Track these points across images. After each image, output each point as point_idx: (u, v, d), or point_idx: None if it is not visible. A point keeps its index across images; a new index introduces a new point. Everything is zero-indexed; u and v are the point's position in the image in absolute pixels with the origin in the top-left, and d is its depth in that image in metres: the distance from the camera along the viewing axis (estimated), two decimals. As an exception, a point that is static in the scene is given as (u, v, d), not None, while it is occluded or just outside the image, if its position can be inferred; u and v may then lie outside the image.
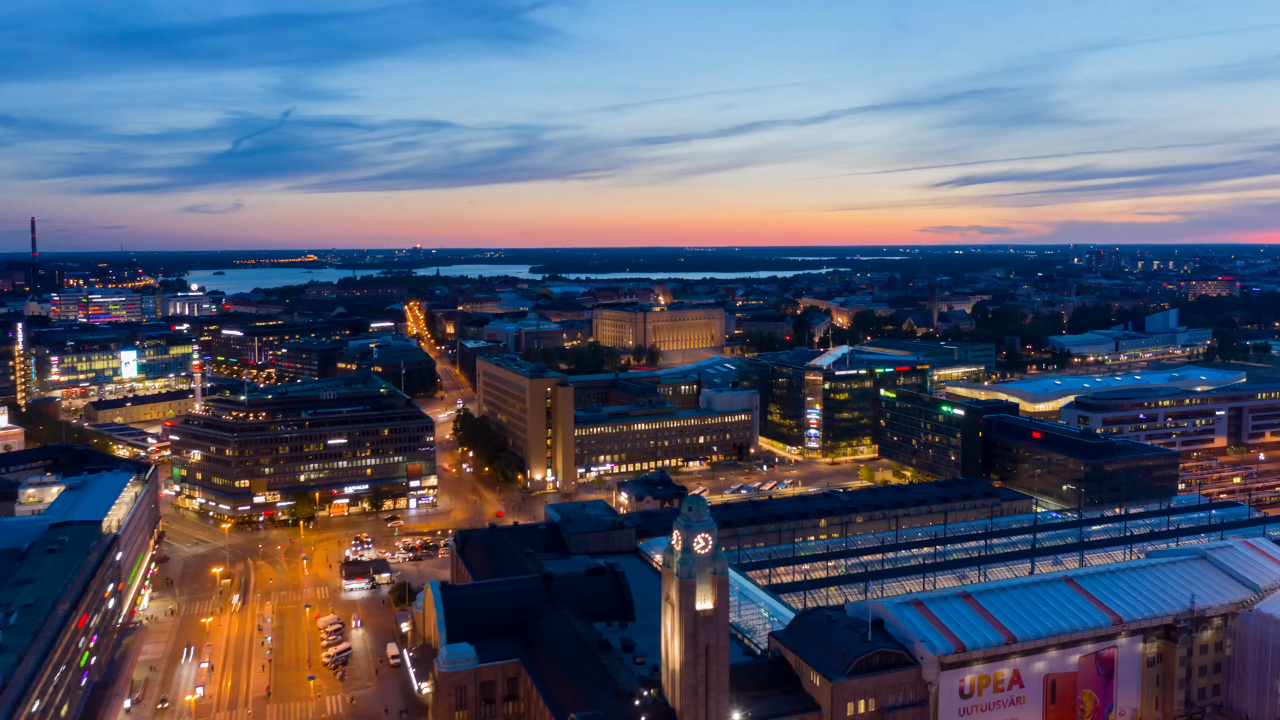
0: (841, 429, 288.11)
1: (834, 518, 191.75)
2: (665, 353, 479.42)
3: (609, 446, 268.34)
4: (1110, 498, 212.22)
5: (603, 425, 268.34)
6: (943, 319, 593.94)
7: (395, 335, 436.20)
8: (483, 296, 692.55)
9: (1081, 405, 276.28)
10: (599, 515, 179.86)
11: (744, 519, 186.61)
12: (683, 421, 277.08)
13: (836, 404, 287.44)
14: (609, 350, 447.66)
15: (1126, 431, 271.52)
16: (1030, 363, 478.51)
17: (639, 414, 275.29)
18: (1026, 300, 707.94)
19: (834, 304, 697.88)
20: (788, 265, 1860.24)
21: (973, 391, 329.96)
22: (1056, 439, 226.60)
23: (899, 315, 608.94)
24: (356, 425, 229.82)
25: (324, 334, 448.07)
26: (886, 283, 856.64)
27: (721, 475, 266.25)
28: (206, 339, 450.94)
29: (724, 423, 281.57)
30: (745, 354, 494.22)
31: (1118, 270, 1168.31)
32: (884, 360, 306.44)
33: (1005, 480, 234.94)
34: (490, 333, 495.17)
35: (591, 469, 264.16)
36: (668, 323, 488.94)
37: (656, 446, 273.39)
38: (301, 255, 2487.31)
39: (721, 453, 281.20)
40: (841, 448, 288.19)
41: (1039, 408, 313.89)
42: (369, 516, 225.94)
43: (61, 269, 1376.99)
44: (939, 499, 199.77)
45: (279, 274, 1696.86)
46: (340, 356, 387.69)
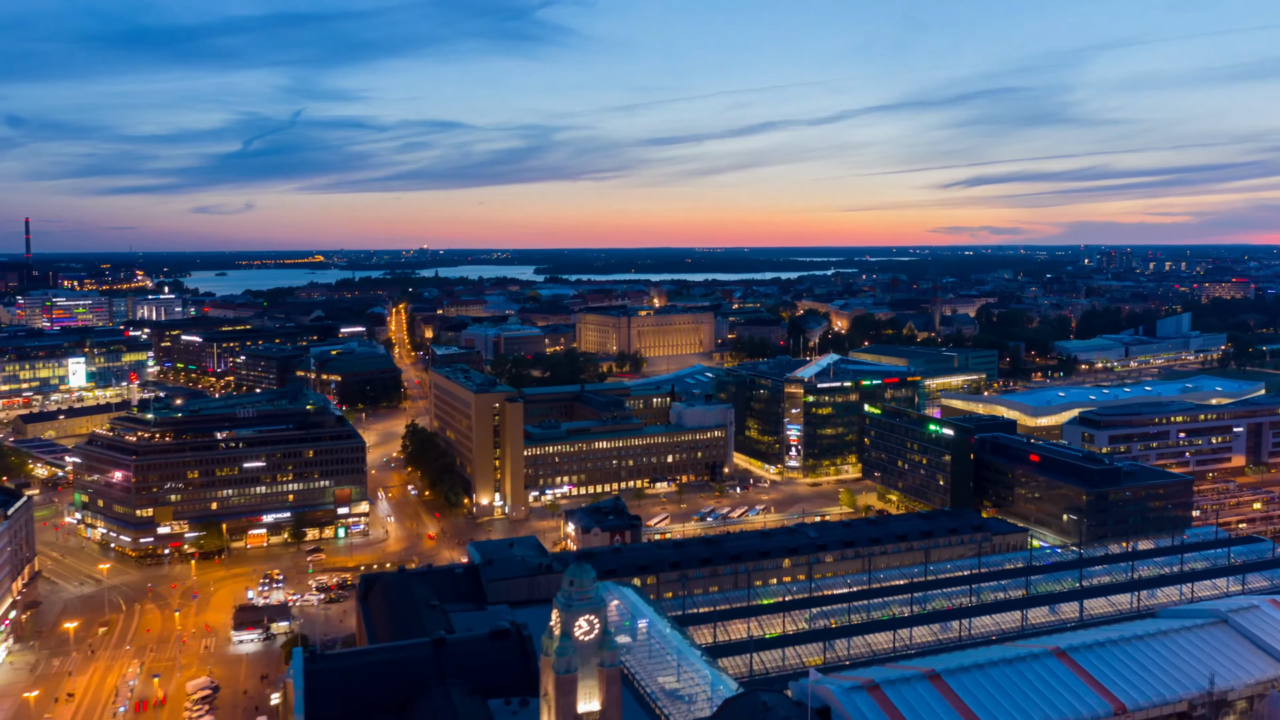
0: (824, 447, 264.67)
1: (799, 557, 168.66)
2: (651, 359, 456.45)
3: (567, 467, 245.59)
4: (1116, 530, 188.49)
5: (560, 443, 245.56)
6: (945, 323, 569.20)
7: (362, 341, 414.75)
8: (470, 299, 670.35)
9: (1086, 421, 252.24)
10: (525, 556, 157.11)
11: (695, 559, 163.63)
12: (649, 439, 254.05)
13: (818, 419, 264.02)
14: (588, 357, 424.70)
15: (1135, 450, 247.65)
16: (1035, 369, 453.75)
17: (600, 431, 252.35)
18: (1033, 303, 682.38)
19: (834, 307, 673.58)
20: (795, 266, 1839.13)
21: (970, 404, 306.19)
22: (1056, 463, 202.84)
23: (900, 319, 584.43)
24: (277, 446, 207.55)
25: (292, 339, 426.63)
26: (889, 285, 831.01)
27: (689, 499, 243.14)
28: (167, 344, 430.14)
29: (695, 440, 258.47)
30: (736, 360, 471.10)
31: (1129, 271, 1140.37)
32: (871, 371, 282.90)
33: (999, 507, 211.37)
34: (467, 338, 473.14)
35: (547, 492, 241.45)
36: (653, 327, 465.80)
37: (620, 467, 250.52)
38: (308, 256, 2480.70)
39: (693, 473, 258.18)
40: (824, 467, 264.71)
41: (1040, 422, 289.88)
42: (291, 548, 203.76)
43: (56, 270, 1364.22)
44: (920, 534, 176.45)
45: (280, 275, 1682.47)
46: (300, 364, 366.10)
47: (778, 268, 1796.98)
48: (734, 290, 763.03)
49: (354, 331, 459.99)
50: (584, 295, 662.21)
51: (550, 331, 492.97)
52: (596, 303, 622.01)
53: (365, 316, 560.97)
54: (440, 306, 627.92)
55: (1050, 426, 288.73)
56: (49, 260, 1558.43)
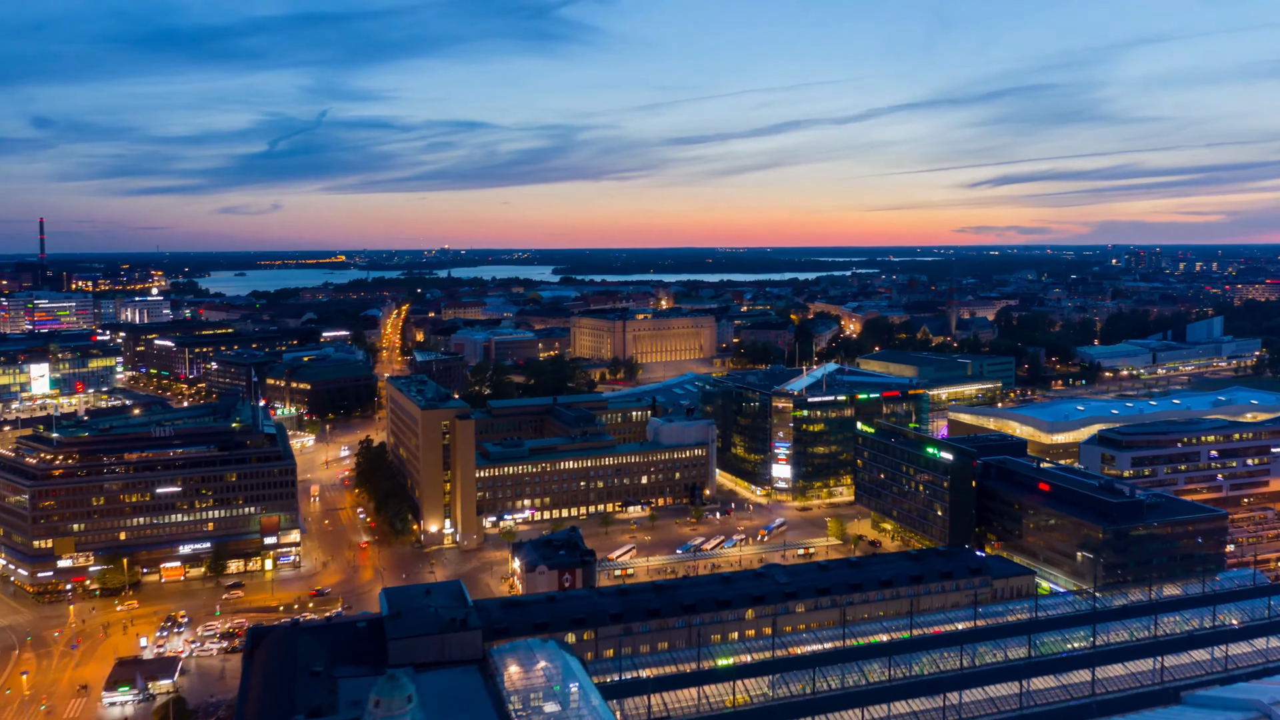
0: (816, 467, 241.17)
1: (765, 607, 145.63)
2: (647, 365, 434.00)
3: (530, 489, 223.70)
4: (1137, 574, 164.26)
5: (522, 463, 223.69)
6: (962, 326, 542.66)
7: (340, 346, 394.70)
8: (470, 301, 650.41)
9: (1106, 441, 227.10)
10: (440, 608, 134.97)
11: (642, 610, 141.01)
12: (621, 458, 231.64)
13: (809, 437, 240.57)
14: (577, 363, 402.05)
15: (1161, 473, 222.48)
16: (1056, 377, 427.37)
17: (567, 449, 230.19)
18: (1056, 305, 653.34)
19: (846, 309, 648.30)
20: (817, 266, 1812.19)
21: (980, 419, 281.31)
22: (1068, 493, 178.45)
23: (914, 323, 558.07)
24: (195, 469, 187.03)
25: (271, 343, 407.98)
26: (905, 286, 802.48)
27: (663, 525, 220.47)
28: (142, 349, 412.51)
29: (672, 459, 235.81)
30: (737, 367, 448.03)
31: (1157, 272, 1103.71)
32: (870, 383, 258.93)
33: (1005, 542, 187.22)
34: (457, 342, 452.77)
35: (506, 517, 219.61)
36: (650, 332, 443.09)
37: (588, 489, 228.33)
38: (331, 256, 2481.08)
39: (670, 495, 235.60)
40: (815, 489, 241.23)
41: (1056, 439, 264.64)
42: (210, 583, 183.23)
43: (70, 270, 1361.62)
44: (909, 579, 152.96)
45: (297, 275, 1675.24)
46: (271, 371, 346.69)
47: (799, 268, 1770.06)
48: (745, 292, 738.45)
49: (337, 336, 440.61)
50: (586, 297, 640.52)
51: (545, 336, 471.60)
52: (599, 305, 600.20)
53: (359, 319, 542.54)
54: (439, 309, 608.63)
55: (1068, 444, 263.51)
56: (65, 260, 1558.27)
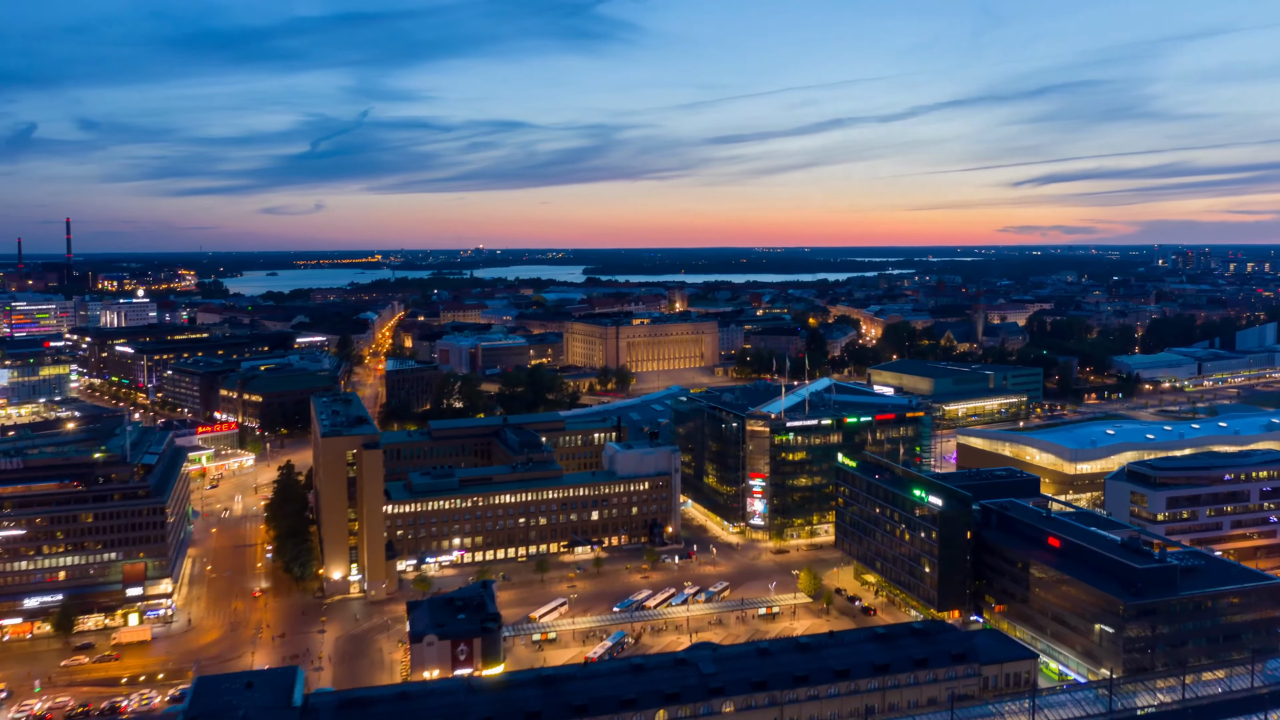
0: (796, 502, 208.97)
1: (681, 708, 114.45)
2: (642, 374, 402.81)
3: (461, 527, 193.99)
4: (1168, 658, 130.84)
5: (451, 496, 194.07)
6: (989, 332, 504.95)
7: (306, 354, 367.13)
8: (473, 303, 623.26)
9: (1136, 477, 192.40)
10: (252, 711, 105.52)
11: (519, 715, 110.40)
12: (567, 491, 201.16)
13: (789, 467, 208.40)
14: (555, 373, 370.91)
15: (1203, 516, 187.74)
16: (1089, 390, 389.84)
17: (505, 480, 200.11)
18: (1094, 309, 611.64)
19: (868, 313, 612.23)
20: (854, 267, 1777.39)
21: (993, 444, 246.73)
22: (1084, 552, 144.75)
23: (937, 328, 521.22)
24: (44, 509, 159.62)
25: (238, 350, 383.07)
26: (933, 288, 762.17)
27: (612, 571, 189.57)
28: (105, 355, 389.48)
29: (629, 492, 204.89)
30: (741, 376, 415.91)
31: (1206, 273, 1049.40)
32: (864, 403, 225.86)
33: (1006, 606, 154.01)
34: (442, 349, 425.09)
35: (430, 559, 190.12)
36: (646, 339, 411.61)
37: (529, 526, 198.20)
38: (368, 256, 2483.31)
39: (627, 533, 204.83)
40: (795, 527, 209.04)
41: (1080, 469, 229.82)
42: (59, 642, 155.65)
43: (95, 270, 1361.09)
44: (873, 667, 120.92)
45: (328, 274, 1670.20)
46: (225, 382, 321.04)
47: (835, 269, 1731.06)
48: (764, 294, 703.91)
49: (313, 341, 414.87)
50: (592, 300, 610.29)
51: (538, 342, 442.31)
52: (604, 308, 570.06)
53: (352, 323, 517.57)
54: (438, 312, 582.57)
55: (1094, 475, 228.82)
56: (92, 260, 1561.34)
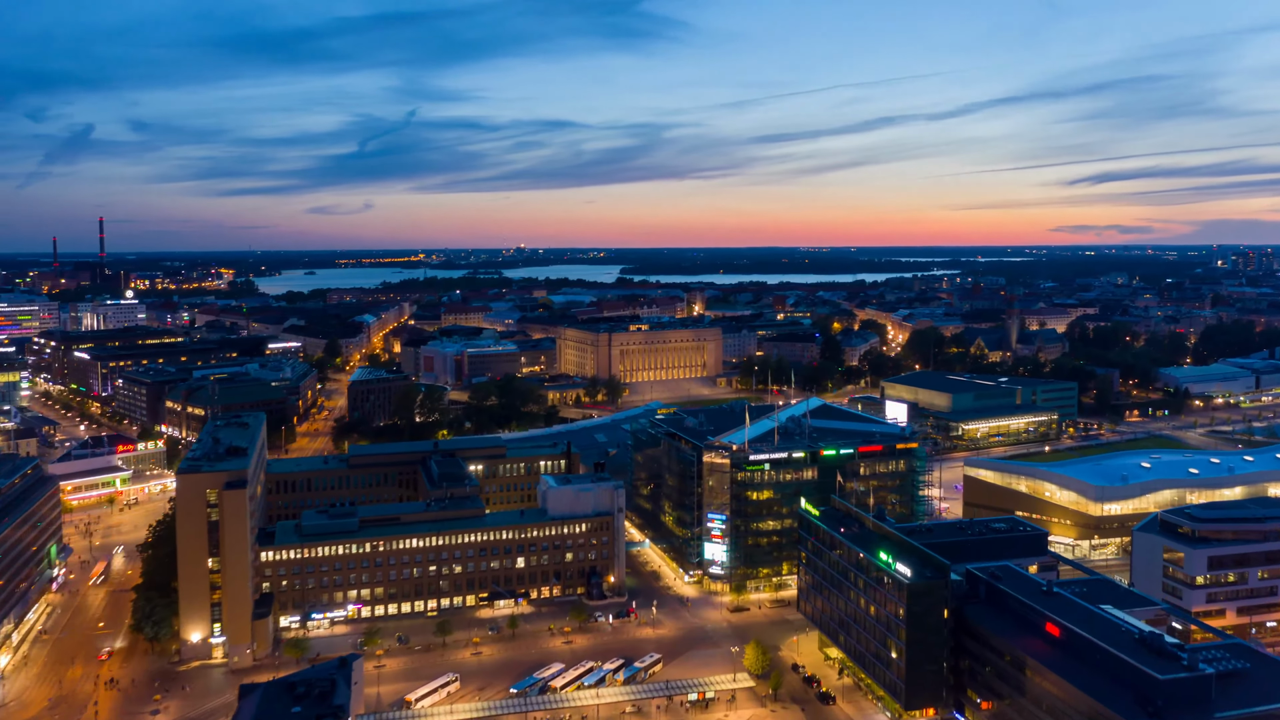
0: (761, 549, 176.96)
1: None
2: (635, 384, 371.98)
3: (360, 576, 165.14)
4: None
5: (349, 539, 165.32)
6: (1025, 340, 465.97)
7: (267, 362, 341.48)
8: (479, 305, 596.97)
9: (1170, 529, 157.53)
10: None
11: None
12: (489, 533, 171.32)
13: (753, 508, 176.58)
14: (528, 384, 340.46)
15: (1254, 579, 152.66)
16: (1131, 406, 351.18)
17: (414, 521, 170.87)
18: (1143, 315, 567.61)
19: (896, 317, 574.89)
20: (898, 267, 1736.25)
21: (1006, 478, 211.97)
22: (1090, 649, 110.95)
23: (967, 334, 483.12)
24: None
25: (203, 356, 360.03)
26: (968, 291, 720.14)
27: (526, 635, 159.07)
28: (67, 360, 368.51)
29: (563, 535, 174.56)
30: (743, 387, 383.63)
31: (1268, 275, 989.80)
32: (849, 431, 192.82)
33: (994, 705, 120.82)
34: (427, 355, 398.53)
35: (317, 615, 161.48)
36: (641, 347, 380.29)
37: (442, 576, 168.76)
38: (411, 255, 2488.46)
39: (559, 583, 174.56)
40: (761, 578, 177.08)
41: (1107, 510, 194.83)
42: None
43: (127, 269, 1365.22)
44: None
45: (367, 273, 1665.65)
46: (171, 393, 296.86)
47: (878, 269, 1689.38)
48: (788, 297, 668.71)
49: (286, 347, 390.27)
50: (601, 304, 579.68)
51: (531, 348, 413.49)
52: (615, 311, 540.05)
53: (347, 326, 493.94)
54: (441, 314, 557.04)
55: (1124, 518, 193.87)
56: (124, 259, 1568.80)
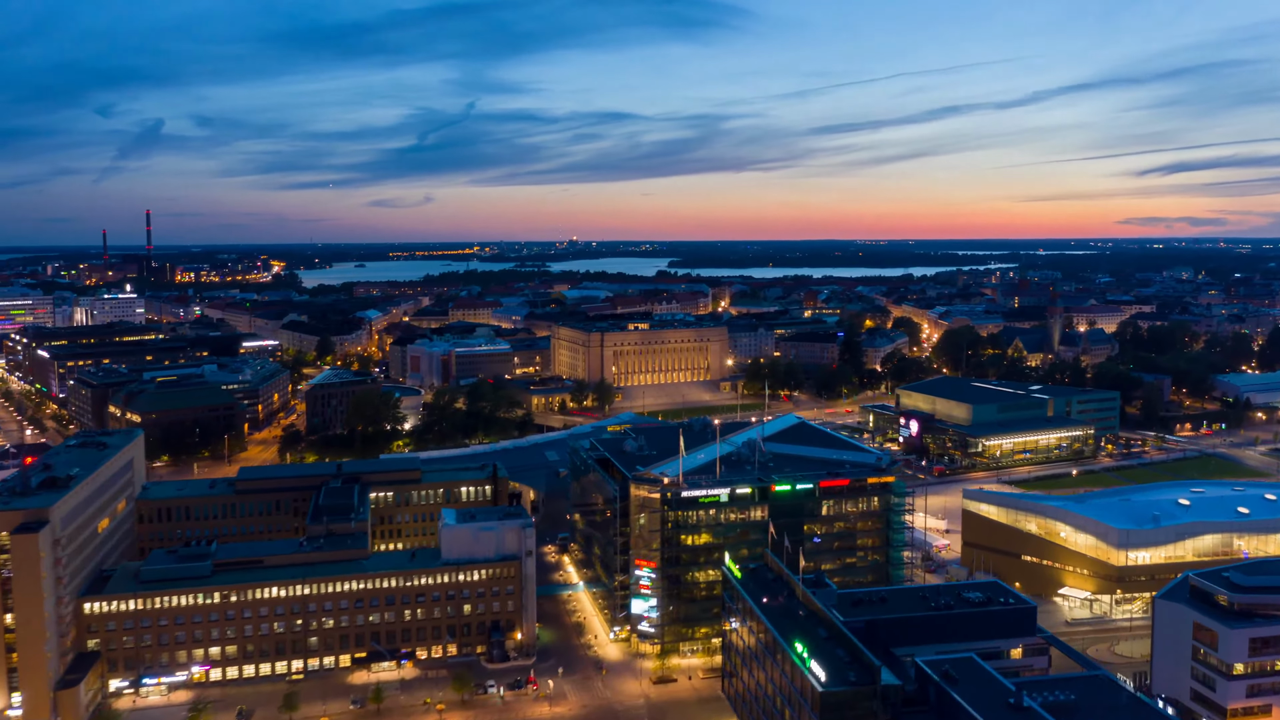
0: (696, 605, 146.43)
1: None
2: (629, 389, 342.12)
3: (211, 631, 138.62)
4: None
5: (199, 587, 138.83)
6: (1068, 341, 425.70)
7: (226, 364, 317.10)
8: (490, 300, 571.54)
9: (1201, 597, 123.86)
10: None
11: None
12: (370, 581, 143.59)
13: (688, 554, 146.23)
14: (499, 388, 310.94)
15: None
16: (1183, 418, 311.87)
17: (280, 564, 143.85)
18: (1205, 313, 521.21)
19: (933, 315, 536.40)
20: (955, 260, 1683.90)
21: (1012, 515, 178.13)
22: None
23: (1005, 335, 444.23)
24: None
25: (170, 355, 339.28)
26: (1014, 286, 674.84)
27: (398, 710, 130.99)
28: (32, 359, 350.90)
29: (460, 583, 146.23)
30: (750, 393, 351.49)
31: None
32: (812, 459, 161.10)
33: None
34: (414, 355, 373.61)
35: (153, 680, 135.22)
36: (636, 348, 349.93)
37: (310, 631, 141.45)
38: (466, 247, 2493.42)
39: (456, 641, 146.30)
40: (696, 640, 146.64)
41: (1133, 559, 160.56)
42: None
43: (173, 262, 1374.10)
44: None
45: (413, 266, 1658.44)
46: (114, 396, 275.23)
47: (935, 262, 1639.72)
48: (819, 292, 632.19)
49: (257, 346, 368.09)
50: (615, 299, 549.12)
51: (524, 348, 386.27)
52: (629, 307, 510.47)
53: (348, 322, 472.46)
54: (449, 310, 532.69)
55: (1153, 569, 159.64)
56: (166, 252, 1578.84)
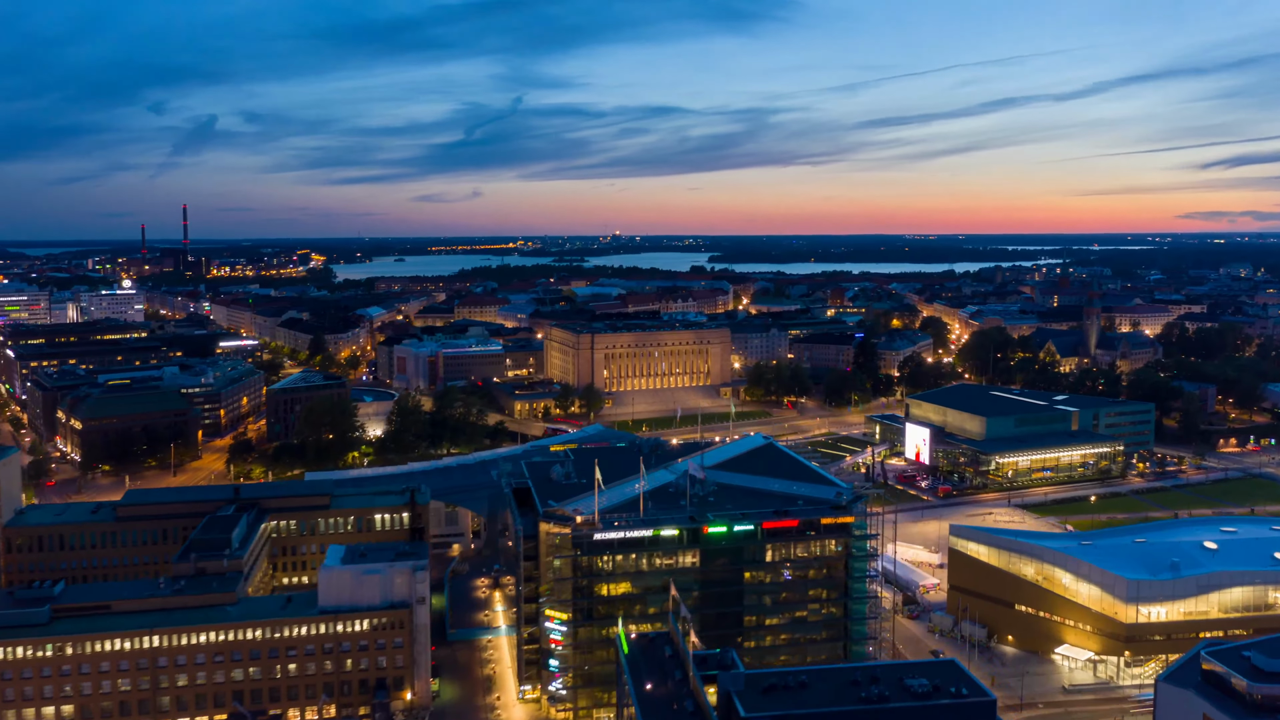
0: (615, 665, 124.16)
1: None
2: (621, 395, 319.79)
3: (43, 690, 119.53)
4: None
5: (31, 639, 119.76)
6: (1106, 344, 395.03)
7: (190, 365, 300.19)
8: (501, 298, 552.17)
9: (1216, 685, 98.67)
10: None
11: None
12: (236, 631, 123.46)
13: (605, 605, 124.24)
14: (458, 393, 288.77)
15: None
16: (1228, 432, 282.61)
17: (132, 611, 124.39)
18: (1259, 314, 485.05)
19: (965, 314, 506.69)
20: (1004, 256, 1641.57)
21: (1005, 558, 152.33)
22: None
23: (1038, 337, 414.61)
24: None
25: (142, 355, 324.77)
26: (1054, 284, 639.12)
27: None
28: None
29: (337, 635, 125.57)
30: (752, 399, 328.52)
31: None
32: (763, 493, 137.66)
33: None
34: (400, 357, 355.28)
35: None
36: (629, 350, 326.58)
37: (162, 692, 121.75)
38: (513, 241, 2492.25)
39: (337, 699, 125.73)
40: (614, 705, 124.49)
41: (1145, 615, 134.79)
42: None
43: (209, 256, 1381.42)
44: None
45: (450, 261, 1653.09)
46: (62, 401, 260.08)
47: (983, 257, 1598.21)
48: (847, 289, 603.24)
49: (234, 346, 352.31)
50: (625, 298, 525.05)
51: (517, 349, 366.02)
52: (640, 305, 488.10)
53: (341, 320, 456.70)
54: (455, 307, 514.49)
55: (1170, 626, 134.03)
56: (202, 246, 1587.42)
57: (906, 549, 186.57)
